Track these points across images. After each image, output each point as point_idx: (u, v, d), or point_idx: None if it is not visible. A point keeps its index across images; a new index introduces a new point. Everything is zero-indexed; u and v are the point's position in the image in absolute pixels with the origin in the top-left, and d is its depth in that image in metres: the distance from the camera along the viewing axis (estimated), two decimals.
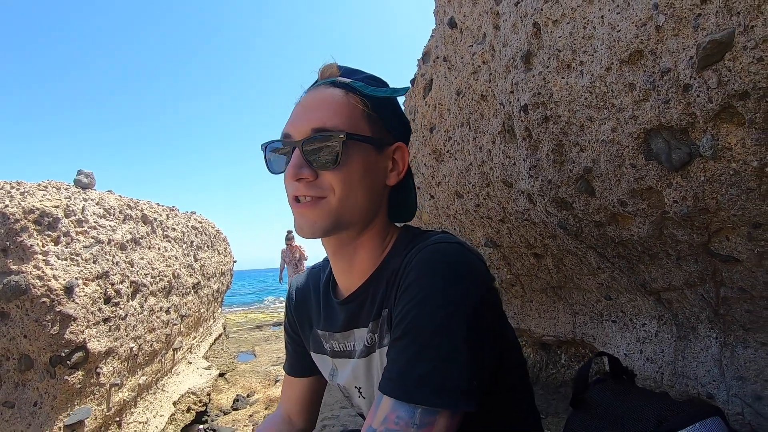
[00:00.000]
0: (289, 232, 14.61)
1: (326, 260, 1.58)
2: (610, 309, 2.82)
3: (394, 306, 1.21)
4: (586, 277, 2.73)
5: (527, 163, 2.12)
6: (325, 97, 1.30)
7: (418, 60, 3.47)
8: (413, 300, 1.12)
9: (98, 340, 3.43)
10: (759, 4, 1.16)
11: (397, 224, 1.47)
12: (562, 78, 1.76)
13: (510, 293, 3.77)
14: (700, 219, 1.61)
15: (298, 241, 14.15)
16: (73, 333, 3.20)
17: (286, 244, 14.60)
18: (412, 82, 3.61)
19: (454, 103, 2.84)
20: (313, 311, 1.60)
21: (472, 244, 3.52)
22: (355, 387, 1.46)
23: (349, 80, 1.33)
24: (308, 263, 13.77)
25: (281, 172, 1.31)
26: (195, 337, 6.27)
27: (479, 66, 2.46)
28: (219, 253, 7.05)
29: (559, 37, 1.73)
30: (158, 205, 5.05)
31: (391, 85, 1.41)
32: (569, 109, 1.78)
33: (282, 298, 29.65)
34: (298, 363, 1.72)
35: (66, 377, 3.22)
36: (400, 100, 1.56)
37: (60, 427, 3.24)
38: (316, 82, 1.38)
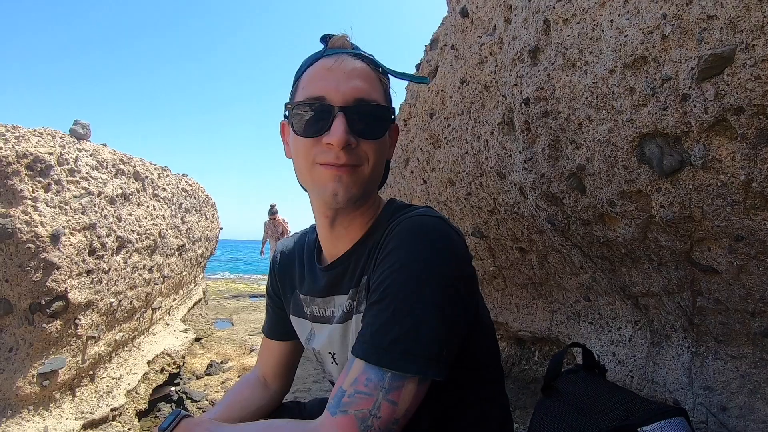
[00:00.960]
0: (273, 205, 14.14)
1: (313, 227, 1.61)
2: (588, 310, 2.86)
3: (372, 273, 1.25)
4: (568, 276, 2.76)
5: (523, 156, 2.16)
6: (360, 69, 1.30)
7: (426, 46, 3.48)
8: (391, 267, 1.16)
9: (79, 291, 3.43)
10: (762, 25, 1.20)
11: (381, 197, 1.50)
12: (566, 75, 1.79)
13: (491, 285, 3.80)
14: (685, 226, 1.65)
15: (283, 215, 13.86)
16: (55, 281, 3.21)
17: (270, 218, 14.15)
18: (418, 67, 3.61)
19: (456, 91, 2.86)
20: (296, 275, 1.63)
21: None
22: (330, 353, 1.49)
23: (370, 56, 1.36)
24: None
25: (315, 135, 1.27)
26: (175, 299, 6.28)
27: (486, 57, 2.48)
28: (206, 218, 7.04)
29: (568, 35, 1.76)
30: (151, 164, 5.02)
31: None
32: (570, 107, 1.81)
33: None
34: (278, 326, 1.75)
35: (44, 325, 3.23)
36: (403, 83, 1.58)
37: (34, 375, 3.25)
38: (333, 49, 1.36)
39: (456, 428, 1.37)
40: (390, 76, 1.38)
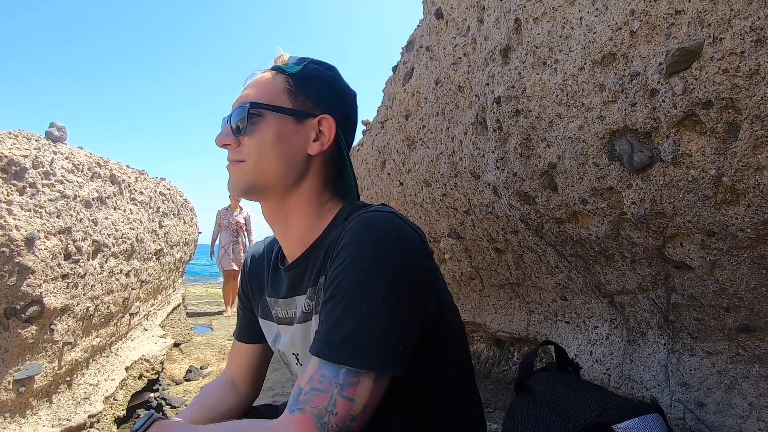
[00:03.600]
0: None
1: None
2: (564, 309, 2.87)
3: (327, 272, 1.27)
4: (544, 276, 2.78)
5: (495, 155, 2.16)
6: (255, 79, 1.48)
7: (402, 48, 3.49)
8: (341, 264, 1.18)
9: (55, 296, 3.39)
10: (729, 18, 1.21)
11: (341, 200, 1.53)
12: (537, 74, 1.80)
13: (469, 287, 3.81)
14: (657, 222, 1.66)
15: (247, 205, 11.67)
16: (30, 286, 3.17)
17: (230, 204, 11.45)
18: (394, 69, 3.63)
19: (431, 92, 2.87)
20: (264, 278, 1.67)
21: (437, 234, 3.55)
22: (293, 354, 1.51)
23: (281, 64, 1.49)
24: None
25: None
26: (153, 304, 6.23)
27: (460, 57, 2.50)
28: (185, 222, 7.00)
29: (538, 34, 1.77)
30: (128, 167, 4.99)
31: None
32: (540, 105, 1.82)
33: None
34: (248, 329, 1.78)
35: (19, 330, 3.18)
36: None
37: (9, 381, 3.20)
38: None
39: (429, 428, 1.38)
40: (292, 70, 1.45)
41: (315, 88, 1.45)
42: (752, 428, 1.77)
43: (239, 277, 1.88)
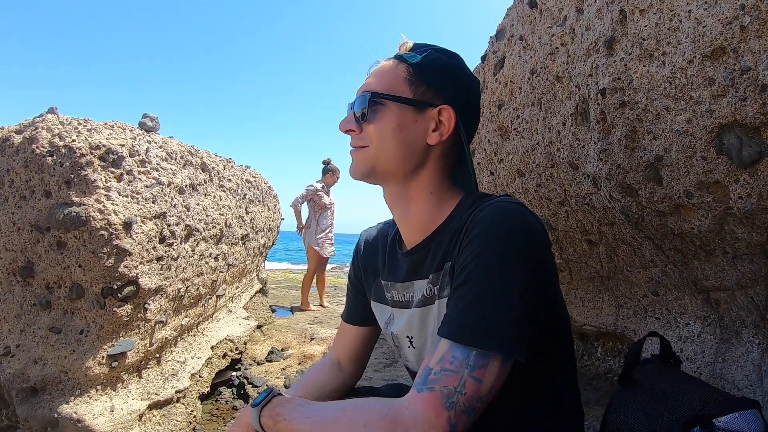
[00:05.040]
0: (329, 161, 10.10)
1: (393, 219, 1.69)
2: (655, 305, 2.83)
3: (457, 258, 1.31)
4: (637, 269, 2.74)
5: (598, 146, 2.15)
6: (377, 68, 1.54)
7: (491, 37, 3.46)
8: (473, 252, 1.23)
9: (149, 277, 3.53)
10: None
11: (461, 189, 1.57)
12: (644, 66, 1.78)
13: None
14: (762, 218, 1.64)
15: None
16: (127, 267, 3.31)
17: (324, 180, 9.92)
18: (483, 58, 3.61)
19: (526, 82, 2.85)
20: (379, 262, 1.72)
21: None
22: (407, 336, 1.55)
23: (404, 53, 1.51)
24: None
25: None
26: (238, 287, 6.39)
27: (557, 47, 2.48)
28: (269, 209, 7.11)
29: (645, 26, 1.75)
30: (216, 155, 5.13)
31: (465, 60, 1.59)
32: (647, 97, 1.80)
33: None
34: (357, 312, 1.84)
35: (115, 309, 3.33)
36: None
37: (103, 356, 3.35)
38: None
39: (531, 411, 1.42)
40: (413, 60, 1.48)
41: (436, 78, 1.47)
42: None
43: (351, 262, 1.92)
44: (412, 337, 1.54)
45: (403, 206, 1.52)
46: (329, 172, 9.98)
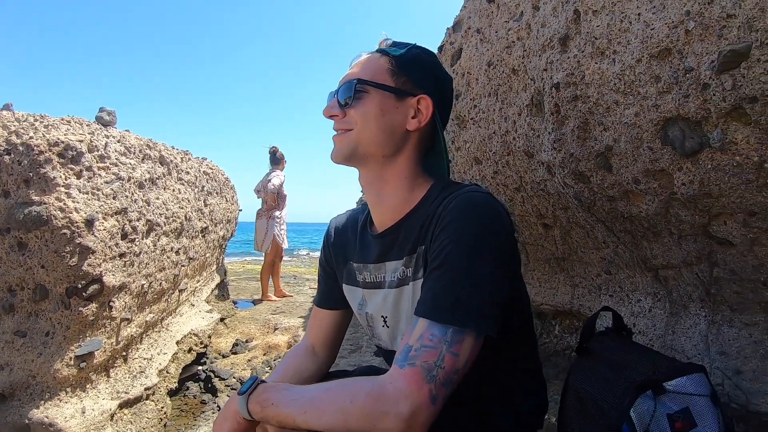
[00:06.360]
0: (275, 149, 9.67)
1: (365, 205, 1.78)
2: (608, 283, 2.96)
3: (431, 243, 1.41)
4: (590, 250, 2.86)
5: (552, 136, 2.27)
6: (362, 59, 1.63)
7: (448, 28, 3.54)
8: (449, 238, 1.33)
9: (113, 275, 3.51)
10: None
11: (432, 176, 1.66)
12: (596, 63, 1.91)
13: None
14: (703, 202, 1.79)
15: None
16: (90, 265, 3.28)
17: (279, 168, 9.64)
18: (440, 49, 3.69)
19: (483, 74, 2.95)
20: (349, 246, 1.80)
21: None
22: (382, 316, 1.64)
23: (385, 47, 1.63)
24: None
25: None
26: (199, 281, 6.39)
27: (513, 41, 2.58)
28: (227, 200, 7.04)
29: (597, 26, 1.87)
30: (173, 148, 5.10)
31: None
32: (599, 92, 1.93)
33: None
34: (329, 296, 1.90)
35: (80, 308, 3.30)
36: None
37: (71, 357, 3.32)
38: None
39: (498, 381, 1.58)
40: (395, 53, 1.59)
41: (416, 71, 1.58)
42: None
43: (321, 248, 1.98)
44: (386, 317, 1.63)
45: (377, 188, 1.61)
46: (283, 160, 9.64)
